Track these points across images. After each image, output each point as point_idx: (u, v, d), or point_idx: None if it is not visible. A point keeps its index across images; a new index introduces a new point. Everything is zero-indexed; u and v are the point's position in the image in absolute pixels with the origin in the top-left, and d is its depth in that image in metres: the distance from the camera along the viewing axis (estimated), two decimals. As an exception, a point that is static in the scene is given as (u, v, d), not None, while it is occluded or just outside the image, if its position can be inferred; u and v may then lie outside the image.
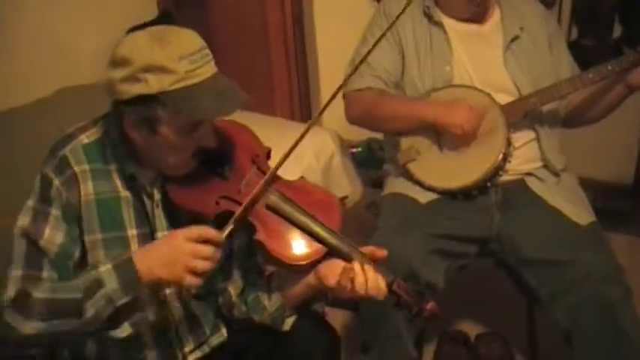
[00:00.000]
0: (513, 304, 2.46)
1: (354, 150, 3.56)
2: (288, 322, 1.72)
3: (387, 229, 2.15)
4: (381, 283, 1.56)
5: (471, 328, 2.65)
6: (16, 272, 1.51)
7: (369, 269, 1.56)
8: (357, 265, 1.55)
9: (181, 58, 1.44)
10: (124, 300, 1.50)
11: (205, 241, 1.50)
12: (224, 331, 1.80)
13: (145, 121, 1.50)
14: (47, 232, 1.53)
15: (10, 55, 2.62)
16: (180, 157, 1.55)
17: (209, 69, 1.49)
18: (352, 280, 1.54)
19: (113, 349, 1.67)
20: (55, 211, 1.54)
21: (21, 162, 2.13)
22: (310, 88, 3.73)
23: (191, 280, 1.48)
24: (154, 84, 1.44)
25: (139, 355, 1.68)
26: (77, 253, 1.57)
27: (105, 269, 1.49)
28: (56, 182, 1.55)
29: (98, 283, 1.48)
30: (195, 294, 1.71)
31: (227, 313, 1.78)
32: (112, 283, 1.48)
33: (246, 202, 1.57)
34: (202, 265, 1.48)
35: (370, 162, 3.44)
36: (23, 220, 1.55)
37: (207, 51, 1.50)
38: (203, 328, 1.75)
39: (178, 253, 1.47)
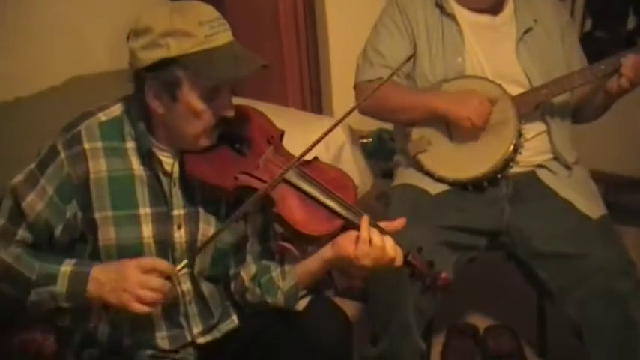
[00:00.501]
0: (523, 297, 2.46)
1: (365, 140, 3.53)
2: (301, 303, 1.74)
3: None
4: (397, 247, 1.62)
5: (480, 321, 2.64)
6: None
7: (387, 238, 1.62)
8: (373, 230, 1.61)
9: (201, 23, 1.50)
10: (66, 305, 1.57)
11: (157, 272, 1.54)
12: (234, 318, 1.81)
13: (166, 87, 1.53)
14: (30, 197, 1.59)
15: (20, 43, 2.64)
16: (200, 126, 1.58)
17: (226, 36, 1.55)
18: (370, 243, 1.59)
19: (125, 331, 1.70)
20: (44, 182, 1.59)
21: (29, 152, 2.13)
22: (321, 77, 3.72)
23: (139, 308, 1.53)
24: (174, 48, 1.50)
25: (149, 336, 1.71)
26: (58, 228, 1.60)
27: (64, 270, 1.56)
28: (62, 155, 1.59)
29: (51, 279, 1.56)
30: (208, 275, 1.73)
31: (239, 299, 1.79)
32: (61, 286, 1.56)
33: (268, 184, 1.60)
34: (149, 296, 1.52)
35: (381, 153, 3.42)
36: (18, 178, 1.62)
37: (224, 20, 1.56)
38: (211, 311, 1.76)
39: (127, 282, 1.52)
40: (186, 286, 1.71)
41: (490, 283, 2.73)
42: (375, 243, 1.60)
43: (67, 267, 1.57)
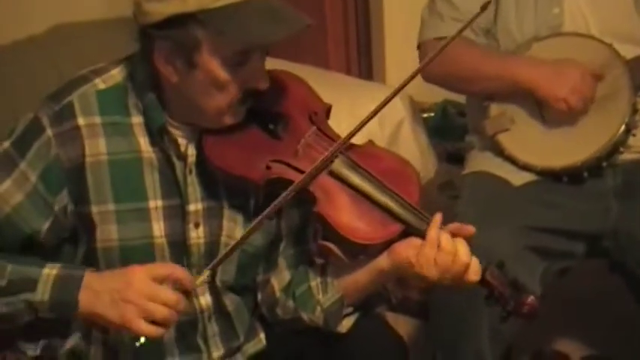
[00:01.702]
0: (631, 319, 2.42)
1: (426, 115, 3.51)
2: (345, 325, 1.72)
3: (468, 217, 2.07)
4: (476, 262, 1.60)
5: (573, 349, 2.64)
6: None
7: (460, 241, 1.60)
8: (443, 235, 1.59)
9: None
10: (49, 316, 1.53)
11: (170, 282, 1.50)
12: (262, 337, 1.81)
13: (181, 50, 1.51)
14: (5, 185, 1.56)
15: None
16: (224, 100, 1.55)
17: None
18: (438, 247, 1.58)
19: (125, 355, 1.68)
20: (24, 166, 1.56)
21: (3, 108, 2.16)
22: (372, 34, 3.69)
23: (144, 329, 1.47)
24: (191, 1, 1.46)
25: None
26: (44, 226, 1.58)
27: (47, 273, 1.52)
28: (49, 133, 1.56)
29: (29, 285, 1.52)
30: (232, 285, 1.72)
31: (268, 313, 1.79)
32: (42, 294, 1.51)
33: (305, 175, 1.58)
34: (161, 312, 1.47)
35: (446, 130, 3.37)
36: None
37: None
38: (236, 330, 1.75)
39: (133, 292, 1.47)
40: (205, 299, 1.70)
41: (588, 301, 2.68)
42: (444, 247, 1.58)
43: (51, 269, 1.53)
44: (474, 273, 1.60)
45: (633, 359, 2.50)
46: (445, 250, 1.58)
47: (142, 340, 1.48)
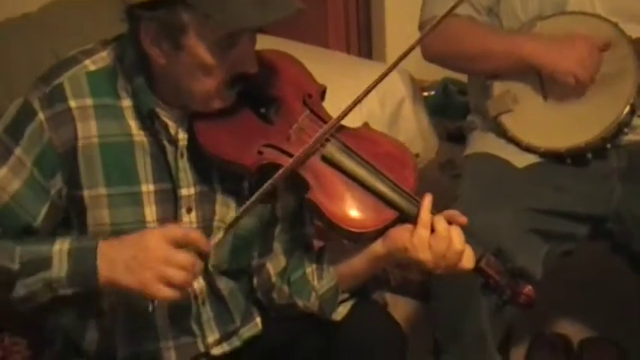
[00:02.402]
0: (633, 301, 2.41)
1: (426, 93, 3.50)
2: (341, 312, 1.72)
3: (470, 199, 2.10)
4: (469, 250, 1.59)
5: (574, 332, 2.63)
6: None
7: (455, 229, 1.58)
8: (439, 220, 1.57)
9: None
10: (68, 291, 1.51)
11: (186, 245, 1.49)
12: (258, 321, 1.80)
13: (167, 32, 1.49)
14: (2, 172, 1.54)
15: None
16: (211, 85, 1.53)
17: None
18: (432, 230, 1.57)
19: (119, 339, 1.67)
20: (20, 152, 1.54)
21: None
22: (372, 14, 3.66)
23: (164, 292, 1.46)
24: None
25: (151, 347, 1.69)
26: (42, 213, 1.56)
27: (59, 249, 1.50)
28: (41, 116, 1.54)
29: (44, 263, 1.49)
30: (225, 270, 1.71)
31: (263, 297, 1.78)
32: (59, 270, 1.49)
33: (295, 157, 1.55)
34: (178, 276, 1.46)
35: (447, 109, 3.35)
36: None
37: None
38: (232, 314, 1.74)
39: (150, 257, 1.46)
40: (198, 284, 1.67)
41: (590, 283, 2.66)
42: (439, 232, 1.57)
43: (62, 244, 1.50)
44: (468, 260, 1.59)
45: (635, 341, 2.47)
46: (440, 236, 1.56)
47: (156, 303, 1.53)
